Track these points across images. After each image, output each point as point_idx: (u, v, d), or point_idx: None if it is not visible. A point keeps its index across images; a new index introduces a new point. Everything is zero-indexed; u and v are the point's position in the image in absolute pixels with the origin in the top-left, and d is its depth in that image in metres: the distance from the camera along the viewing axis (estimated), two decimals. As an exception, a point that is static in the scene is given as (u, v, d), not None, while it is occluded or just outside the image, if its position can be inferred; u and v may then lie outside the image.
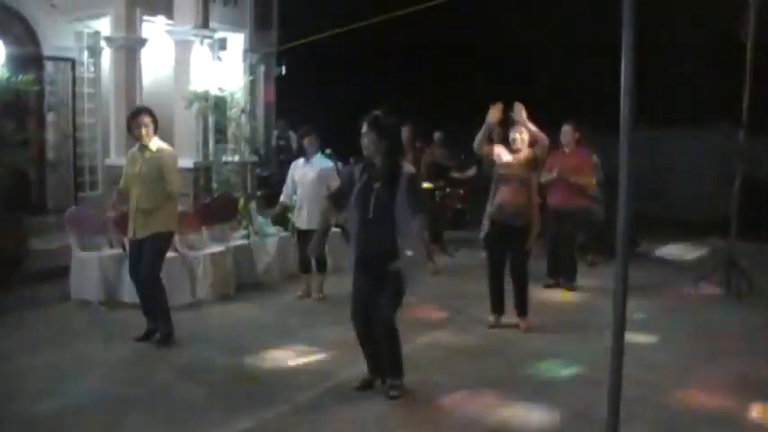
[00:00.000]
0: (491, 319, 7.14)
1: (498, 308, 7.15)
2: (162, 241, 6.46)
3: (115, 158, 10.79)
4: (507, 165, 7.05)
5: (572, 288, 8.71)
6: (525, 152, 7.06)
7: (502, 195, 6.99)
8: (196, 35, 10.51)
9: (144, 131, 6.37)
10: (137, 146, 6.52)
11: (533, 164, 7.05)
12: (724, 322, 7.46)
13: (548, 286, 8.57)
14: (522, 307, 7.10)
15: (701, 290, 8.55)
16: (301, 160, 8.28)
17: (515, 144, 7.07)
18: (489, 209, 7.07)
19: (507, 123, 7.25)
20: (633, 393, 3.69)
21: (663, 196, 13.81)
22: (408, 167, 5.23)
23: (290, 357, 6.16)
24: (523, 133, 7.03)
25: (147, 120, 6.39)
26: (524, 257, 7.05)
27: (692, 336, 6.92)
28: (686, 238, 11.90)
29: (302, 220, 8.13)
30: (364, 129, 5.12)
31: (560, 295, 8.54)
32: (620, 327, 3.41)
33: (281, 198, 8.37)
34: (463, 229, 12.46)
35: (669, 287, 8.84)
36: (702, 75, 13.17)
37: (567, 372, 5.91)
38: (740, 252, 8.55)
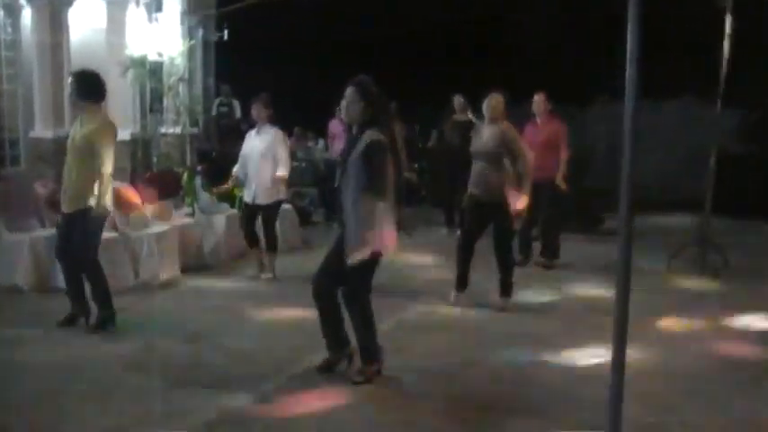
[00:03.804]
0: (452, 295, 7.21)
1: (461, 283, 7.21)
2: (90, 220, 6.17)
3: (41, 130, 10.42)
4: (477, 140, 7.13)
5: (552, 265, 8.86)
6: (497, 124, 7.04)
7: (473, 172, 7.11)
8: (131, -6, 10.23)
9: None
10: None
11: (507, 140, 7.04)
12: (700, 300, 7.62)
13: (518, 264, 8.63)
14: (504, 287, 7.16)
15: (674, 266, 8.70)
16: (253, 131, 8.14)
17: (489, 112, 7.09)
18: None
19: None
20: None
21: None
22: (372, 134, 4.96)
23: (247, 343, 6.06)
24: (500, 102, 7.02)
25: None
26: (508, 234, 7.12)
27: (667, 313, 7.07)
28: (654, 214, 12.11)
29: (250, 193, 8.02)
30: (347, 92, 4.99)
31: (534, 273, 8.65)
32: (623, 308, 3.41)
33: (234, 169, 8.21)
34: (418, 206, 12.48)
35: (639, 265, 8.96)
36: (669, 44, 13.36)
37: (540, 353, 5.93)
38: (714, 228, 8.74)
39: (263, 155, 7.88)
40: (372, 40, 16.06)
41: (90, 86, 6.21)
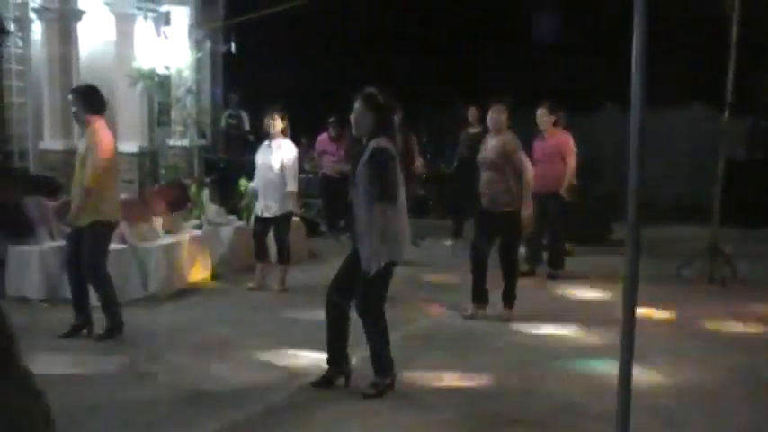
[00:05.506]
0: (469, 310, 7.17)
1: (478, 298, 7.17)
2: (100, 233, 6.30)
3: (50, 142, 10.52)
4: (483, 150, 7.19)
5: (557, 276, 8.87)
6: (502, 135, 7.08)
7: (480, 183, 7.15)
8: (139, 8, 10.31)
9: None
10: None
11: (506, 151, 7.07)
12: (708, 312, 7.60)
13: (524, 274, 8.64)
14: (508, 296, 7.18)
15: (683, 277, 8.69)
16: (266, 144, 8.17)
17: (491, 123, 7.15)
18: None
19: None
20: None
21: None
22: (379, 141, 4.95)
23: (256, 355, 6.07)
24: (502, 113, 7.06)
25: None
26: (513, 244, 7.16)
27: (676, 326, 7.05)
28: (662, 224, 12.08)
29: (264, 207, 8.06)
30: (356, 105, 5.00)
31: (540, 283, 8.66)
32: (630, 313, 3.43)
33: (253, 183, 8.29)
34: (427, 217, 12.52)
35: (649, 275, 8.95)
36: (676, 51, 13.38)
37: (551, 363, 5.94)
38: (722, 238, 8.72)
39: (279, 168, 7.94)
40: (379, 43, 16.16)
41: (92, 99, 6.30)
